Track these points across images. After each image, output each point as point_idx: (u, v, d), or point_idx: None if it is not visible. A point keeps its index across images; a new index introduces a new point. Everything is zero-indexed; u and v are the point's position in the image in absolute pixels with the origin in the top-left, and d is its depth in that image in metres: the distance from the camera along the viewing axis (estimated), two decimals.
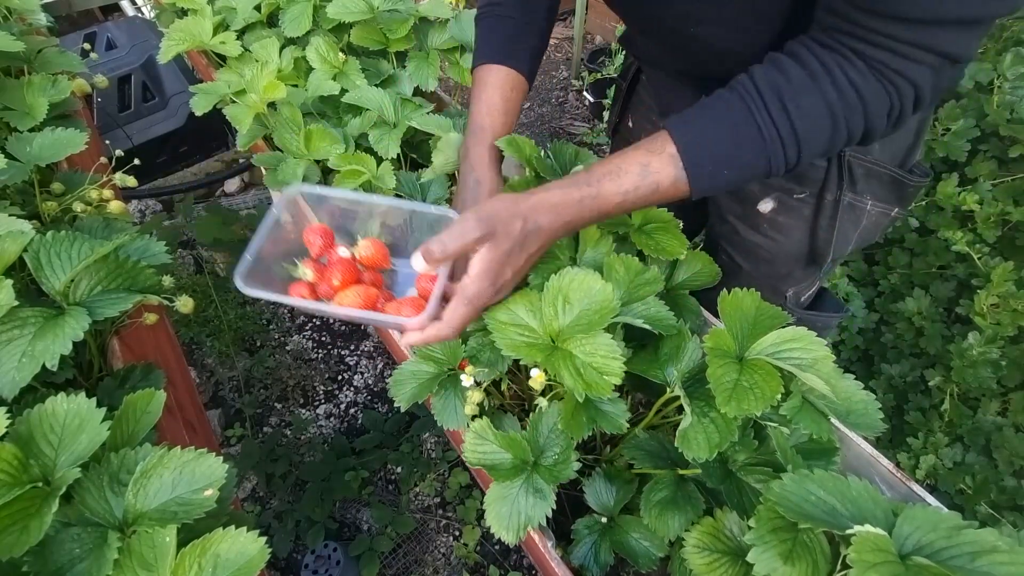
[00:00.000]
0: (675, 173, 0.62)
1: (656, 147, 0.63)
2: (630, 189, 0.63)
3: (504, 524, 0.63)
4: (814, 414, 0.58)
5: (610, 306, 0.60)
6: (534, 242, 0.64)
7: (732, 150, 0.62)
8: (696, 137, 0.62)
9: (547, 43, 0.91)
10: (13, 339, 0.55)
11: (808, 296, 1.05)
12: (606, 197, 0.63)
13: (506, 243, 0.62)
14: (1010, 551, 0.41)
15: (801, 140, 0.60)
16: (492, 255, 0.61)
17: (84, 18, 2.54)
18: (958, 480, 1.38)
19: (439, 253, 0.61)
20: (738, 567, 0.54)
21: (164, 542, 0.47)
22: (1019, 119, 1.36)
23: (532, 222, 0.62)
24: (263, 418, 1.89)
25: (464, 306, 0.62)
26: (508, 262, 0.63)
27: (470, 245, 0.61)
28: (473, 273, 0.62)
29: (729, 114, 0.61)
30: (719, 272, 0.81)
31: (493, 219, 0.61)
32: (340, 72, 1.09)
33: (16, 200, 0.81)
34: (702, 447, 0.55)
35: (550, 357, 0.60)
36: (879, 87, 0.57)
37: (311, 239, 0.72)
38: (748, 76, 0.62)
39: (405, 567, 1.57)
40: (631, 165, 0.63)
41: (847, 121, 0.59)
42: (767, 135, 0.60)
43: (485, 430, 0.66)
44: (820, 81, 0.58)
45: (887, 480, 0.67)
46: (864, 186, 0.86)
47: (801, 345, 0.56)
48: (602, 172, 0.63)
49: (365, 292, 0.67)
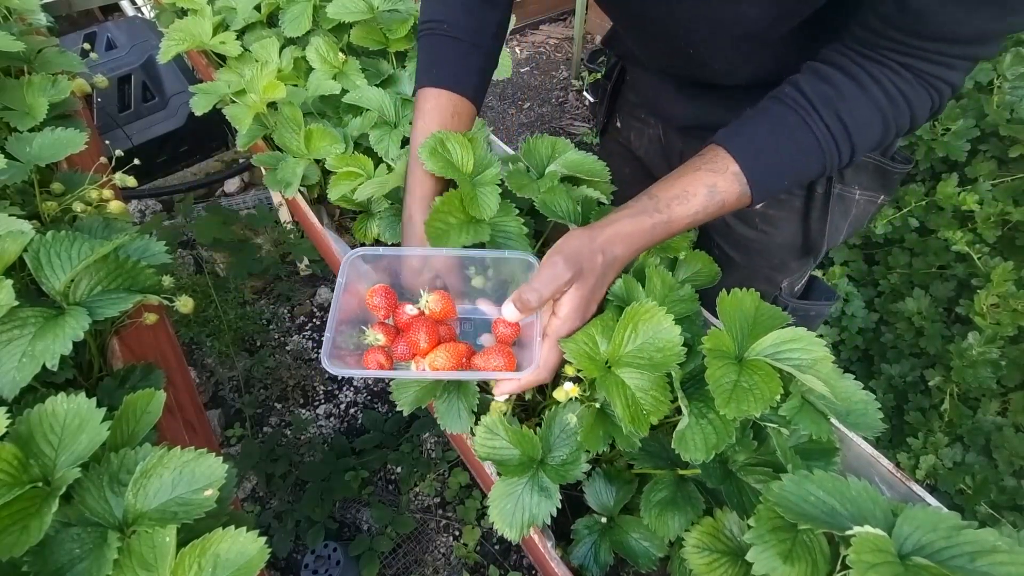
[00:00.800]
0: (740, 189, 0.65)
1: (719, 167, 0.65)
2: (700, 210, 0.65)
3: (508, 521, 0.63)
4: (814, 414, 0.58)
5: (676, 350, 0.59)
6: (612, 273, 0.66)
7: (792, 161, 0.65)
8: (756, 153, 0.64)
9: (496, 63, 0.87)
10: (13, 339, 0.55)
11: (801, 286, 1.06)
12: (677, 221, 0.65)
13: (592, 279, 0.63)
14: (1010, 551, 0.41)
15: (855, 143, 0.63)
16: (580, 293, 0.63)
17: (84, 18, 2.54)
18: (958, 480, 1.38)
19: (536, 302, 0.61)
20: (738, 567, 0.54)
21: (164, 542, 0.47)
22: (1019, 119, 1.36)
23: (610, 254, 0.64)
24: (263, 418, 1.89)
25: (559, 348, 0.63)
26: (593, 297, 0.65)
27: (562, 287, 0.62)
28: (563, 314, 0.63)
29: (785, 127, 0.64)
30: (719, 272, 0.81)
31: (579, 258, 0.62)
32: (340, 72, 1.09)
33: (16, 200, 0.81)
34: (699, 449, 0.55)
35: (605, 378, 0.60)
36: (924, 92, 0.61)
37: (375, 302, 0.70)
38: (795, 88, 0.64)
39: (405, 567, 1.57)
40: (698, 187, 0.65)
41: (896, 122, 0.63)
42: (825, 146, 0.63)
43: (496, 424, 0.66)
44: (870, 91, 0.61)
45: (887, 480, 0.67)
46: (852, 176, 0.88)
47: (800, 346, 0.56)
48: (670, 197, 0.65)
49: (455, 349, 0.66)
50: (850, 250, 1.73)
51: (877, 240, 1.66)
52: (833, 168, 0.65)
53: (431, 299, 0.69)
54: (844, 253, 1.73)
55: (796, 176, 0.67)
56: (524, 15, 3.47)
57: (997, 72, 1.41)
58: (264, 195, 2.39)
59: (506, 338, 0.68)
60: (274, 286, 2.22)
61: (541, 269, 0.62)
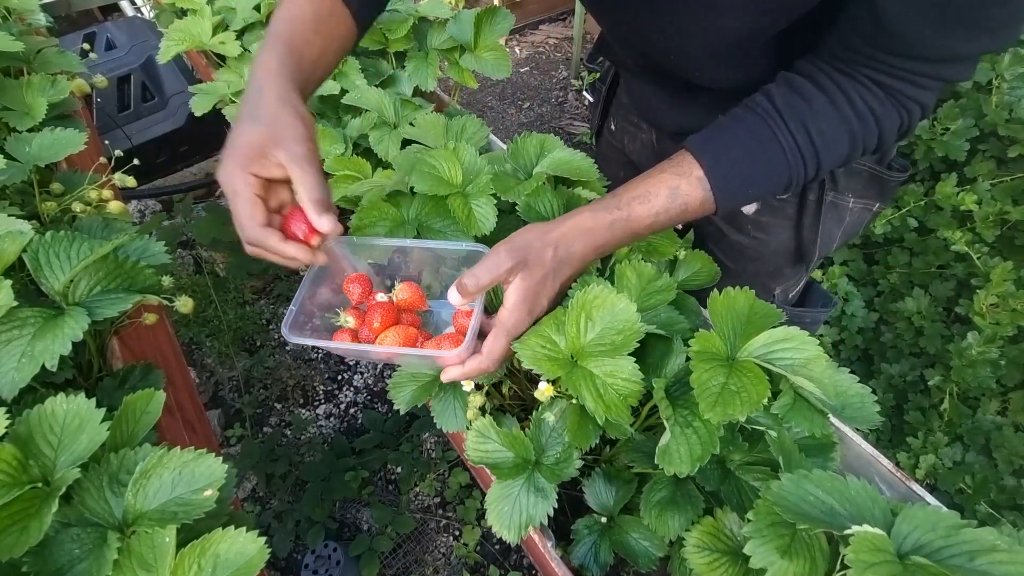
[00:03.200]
0: (703, 195, 0.64)
1: (683, 170, 0.64)
2: (660, 211, 0.64)
3: (505, 523, 0.63)
4: (807, 411, 0.57)
5: (634, 328, 0.59)
6: (567, 268, 0.65)
7: (757, 171, 0.64)
8: (721, 159, 0.64)
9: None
10: (12, 339, 0.55)
11: (796, 293, 1.06)
12: (637, 220, 0.64)
13: (539, 272, 0.62)
14: (1009, 550, 0.41)
15: (822, 159, 0.63)
16: (526, 284, 0.62)
17: (83, 18, 2.54)
18: (958, 480, 1.38)
19: (472, 286, 0.61)
20: (738, 567, 0.54)
21: (164, 542, 0.47)
22: (1018, 119, 1.36)
23: (564, 249, 0.63)
24: (263, 418, 1.89)
25: (503, 337, 0.63)
26: (542, 291, 0.64)
27: (502, 276, 0.62)
28: (509, 304, 0.63)
29: (752, 137, 0.64)
30: (718, 272, 0.81)
31: (524, 249, 0.62)
32: (339, 72, 1.09)
33: (15, 200, 0.81)
34: (684, 461, 0.54)
35: (570, 374, 0.59)
36: (894, 111, 0.62)
37: (351, 288, 0.74)
38: (767, 98, 0.64)
39: (405, 567, 1.57)
40: (660, 188, 0.64)
41: (864, 140, 0.63)
42: (791, 158, 0.63)
43: (487, 428, 0.66)
44: (841, 107, 0.61)
45: (887, 480, 0.67)
46: (845, 184, 0.88)
47: (793, 345, 0.56)
48: (631, 196, 0.65)
49: (404, 332, 0.69)
50: (850, 250, 1.74)
51: (877, 240, 1.67)
52: (799, 182, 0.65)
53: (399, 288, 0.73)
54: (844, 253, 1.73)
55: (761, 187, 0.66)
56: (524, 15, 3.46)
57: (996, 72, 1.41)
58: None
59: (463, 328, 0.69)
60: (274, 286, 2.22)
61: (485, 257, 0.63)
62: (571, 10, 3.51)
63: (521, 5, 3.34)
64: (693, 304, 0.79)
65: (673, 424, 0.56)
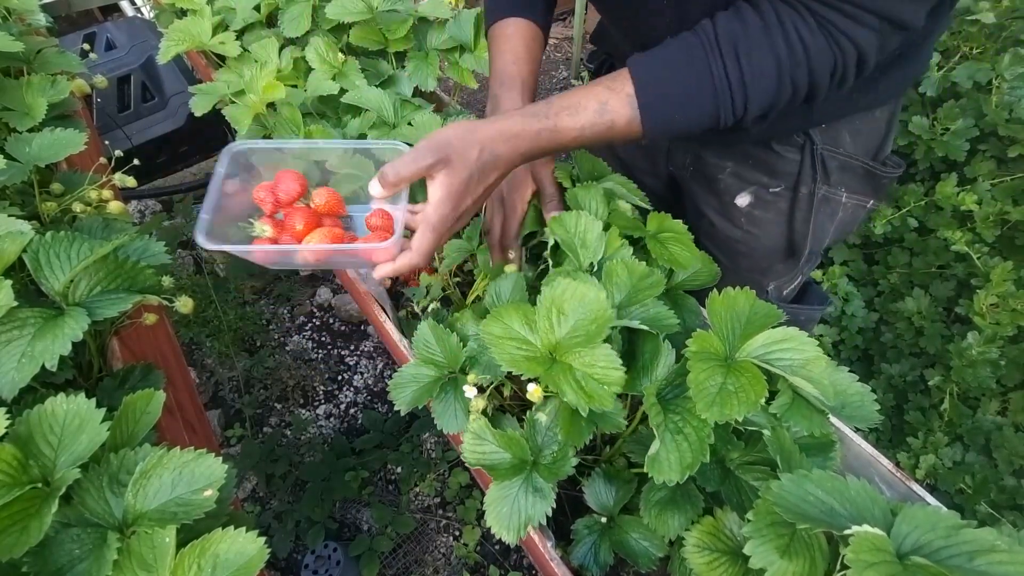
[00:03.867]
0: (630, 113, 0.63)
1: (616, 86, 0.64)
2: (586, 126, 0.64)
3: (505, 524, 0.63)
4: (805, 410, 0.56)
5: (605, 315, 0.59)
6: (492, 171, 0.65)
7: (685, 95, 0.63)
8: (653, 80, 0.63)
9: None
10: (12, 340, 0.55)
11: (792, 289, 1.06)
12: (563, 131, 0.64)
13: (464, 170, 0.63)
14: (1009, 550, 0.41)
15: (749, 91, 0.61)
16: (451, 180, 0.63)
17: (83, 18, 2.54)
18: (958, 480, 1.38)
19: (392, 176, 0.62)
20: (738, 566, 0.54)
21: (163, 542, 0.47)
22: (1018, 119, 1.36)
23: (489, 151, 0.63)
24: (263, 418, 1.89)
25: (430, 232, 0.64)
26: (467, 190, 0.64)
27: (423, 170, 0.63)
28: (434, 200, 0.64)
29: (686, 60, 0.62)
30: (718, 272, 0.81)
31: (446, 146, 0.62)
32: (339, 72, 1.09)
33: (15, 200, 0.81)
34: (674, 468, 0.53)
35: (549, 371, 0.59)
36: (825, 45, 0.59)
37: (262, 196, 0.72)
38: (711, 22, 0.62)
39: (405, 567, 1.57)
40: (590, 102, 0.64)
41: (792, 76, 0.61)
42: (719, 84, 0.61)
43: (483, 430, 0.66)
44: (772, 34, 0.59)
45: (887, 480, 0.67)
46: (838, 178, 0.88)
47: (792, 345, 0.55)
48: (561, 106, 0.65)
49: (330, 233, 0.68)
50: (850, 250, 1.74)
51: (877, 240, 1.67)
52: (727, 115, 0.63)
53: (317, 193, 0.72)
54: (844, 253, 1.73)
55: (688, 113, 0.63)
56: None
57: (996, 72, 1.41)
58: None
59: (376, 227, 0.70)
60: (274, 286, 2.22)
61: (408, 151, 0.64)
62: (571, 10, 3.51)
63: None
64: (693, 304, 0.79)
65: (664, 431, 0.55)
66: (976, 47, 1.46)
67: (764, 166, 0.89)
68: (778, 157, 0.88)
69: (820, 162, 0.85)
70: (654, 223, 0.80)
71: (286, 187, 0.71)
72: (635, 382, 0.62)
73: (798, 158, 0.86)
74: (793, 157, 0.86)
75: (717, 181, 0.95)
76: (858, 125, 0.85)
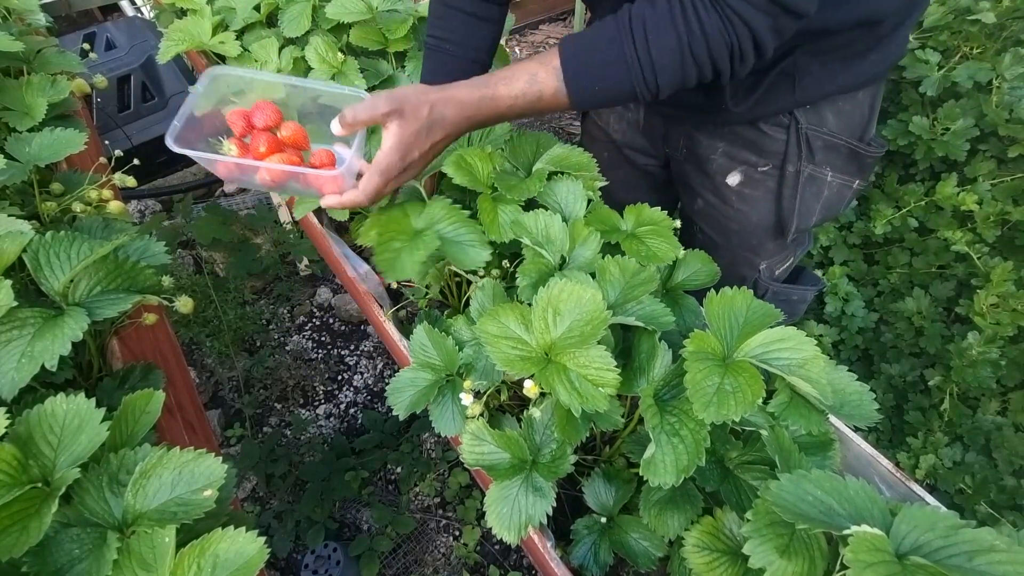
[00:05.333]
0: (557, 85, 0.70)
1: (546, 60, 0.70)
2: (518, 94, 0.71)
3: (505, 524, 0.63)
4: (803, 409, 0.57)
5: (601, 316, 0.59)
6: (439, 130, 0.71)
7: (603, 69, 0.69)
8: (577, 54, 0.69)
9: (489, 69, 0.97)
10: (12, 340, 0.55)
11: (784, 270, 1.10)
12: (499, 99, 0.71)
13: (414, 124, 0.69)
14: (1008, 550, 0.41)
15: (656, 67, 0.67)
16: (401, 131, 0.69)
17: (83, 18, 2.54)
18: (958, 480, 1.38)
19: (351, 118, 0.69)
20: (737, 566, 0.54)
21: (163, 542, 0.47)
22: (1018, 119, 1.36)
23: (438, 112, 0.70)
24: (263, 418, 1.89)
25: (377, 176, 0.70)
26: (415, 143, 0.70)
27: (378, 117, 0.69)
28: (385, 147, 0.70)
29: (606, 38, 0.68)
30: (718, 272, 0.81)
31: (402, 100, 0.69)
32: (339, 72, 1.09)
33: (15, 200, 0.81)
34: (669, 471, 0.53)
35: (544, 371, 0.59)
36: (720, 26, 0.63)
37: (234, 120, 0.76)
38: (629, 7, 0.68)
39: (405, 567, 1.57)
40: (522, 73, 0.71)
41: (693, 55, 0.65)
42: (629, 59, 0.67)
43: (482, 430, 0.66)
44: (675, 15, 0.64)
45: (887, 480, 0.67)
46: (823, 158, 0.92)
47: (790, 345, 0.56)
48: (499, 77, 0.72)
49: (288, 158, 0.74)
50: (850, 250, 1.73)
51: (877, 240, 1.66)
52: (642, 89, 0.68)
53: (284, 125, 0.77)
54: (844, 253, 1.73)
55: (608, 86, 0.69)
56: (524, 15, 3.46)
57: (996, 72, 1.41)
58: (264, 195, 2.39)
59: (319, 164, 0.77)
60: (274, 286, 2.22)
61: (368, 98, 0.70)
62: (571, 10, 3.51)
63: (521, 5, 3.34)
64: (692, 304, 0.79)
65: (659, 433, 0.55)
66: (976, 47, 1.46)
67: (753, 145, 0.94)
68: (765, 136, 0.92)
69: (805, 141, 0.90)
70: (632, 216, 0.81)
71: (262, 115, 0.76)
72: (631, 382, 0.62)
73: (784, 137, 0.91)
74: (780, 136, 0.91)
75: (709, 162, 1.00)
76: (841, 105, 0.90)
